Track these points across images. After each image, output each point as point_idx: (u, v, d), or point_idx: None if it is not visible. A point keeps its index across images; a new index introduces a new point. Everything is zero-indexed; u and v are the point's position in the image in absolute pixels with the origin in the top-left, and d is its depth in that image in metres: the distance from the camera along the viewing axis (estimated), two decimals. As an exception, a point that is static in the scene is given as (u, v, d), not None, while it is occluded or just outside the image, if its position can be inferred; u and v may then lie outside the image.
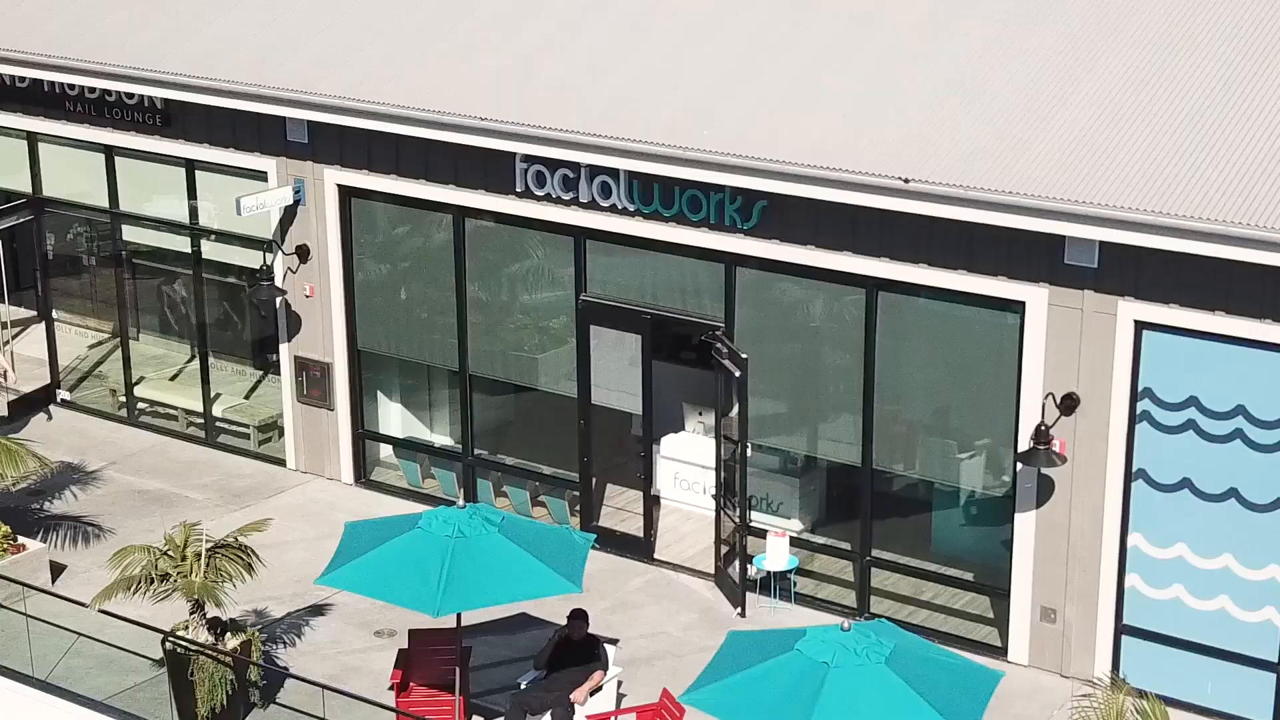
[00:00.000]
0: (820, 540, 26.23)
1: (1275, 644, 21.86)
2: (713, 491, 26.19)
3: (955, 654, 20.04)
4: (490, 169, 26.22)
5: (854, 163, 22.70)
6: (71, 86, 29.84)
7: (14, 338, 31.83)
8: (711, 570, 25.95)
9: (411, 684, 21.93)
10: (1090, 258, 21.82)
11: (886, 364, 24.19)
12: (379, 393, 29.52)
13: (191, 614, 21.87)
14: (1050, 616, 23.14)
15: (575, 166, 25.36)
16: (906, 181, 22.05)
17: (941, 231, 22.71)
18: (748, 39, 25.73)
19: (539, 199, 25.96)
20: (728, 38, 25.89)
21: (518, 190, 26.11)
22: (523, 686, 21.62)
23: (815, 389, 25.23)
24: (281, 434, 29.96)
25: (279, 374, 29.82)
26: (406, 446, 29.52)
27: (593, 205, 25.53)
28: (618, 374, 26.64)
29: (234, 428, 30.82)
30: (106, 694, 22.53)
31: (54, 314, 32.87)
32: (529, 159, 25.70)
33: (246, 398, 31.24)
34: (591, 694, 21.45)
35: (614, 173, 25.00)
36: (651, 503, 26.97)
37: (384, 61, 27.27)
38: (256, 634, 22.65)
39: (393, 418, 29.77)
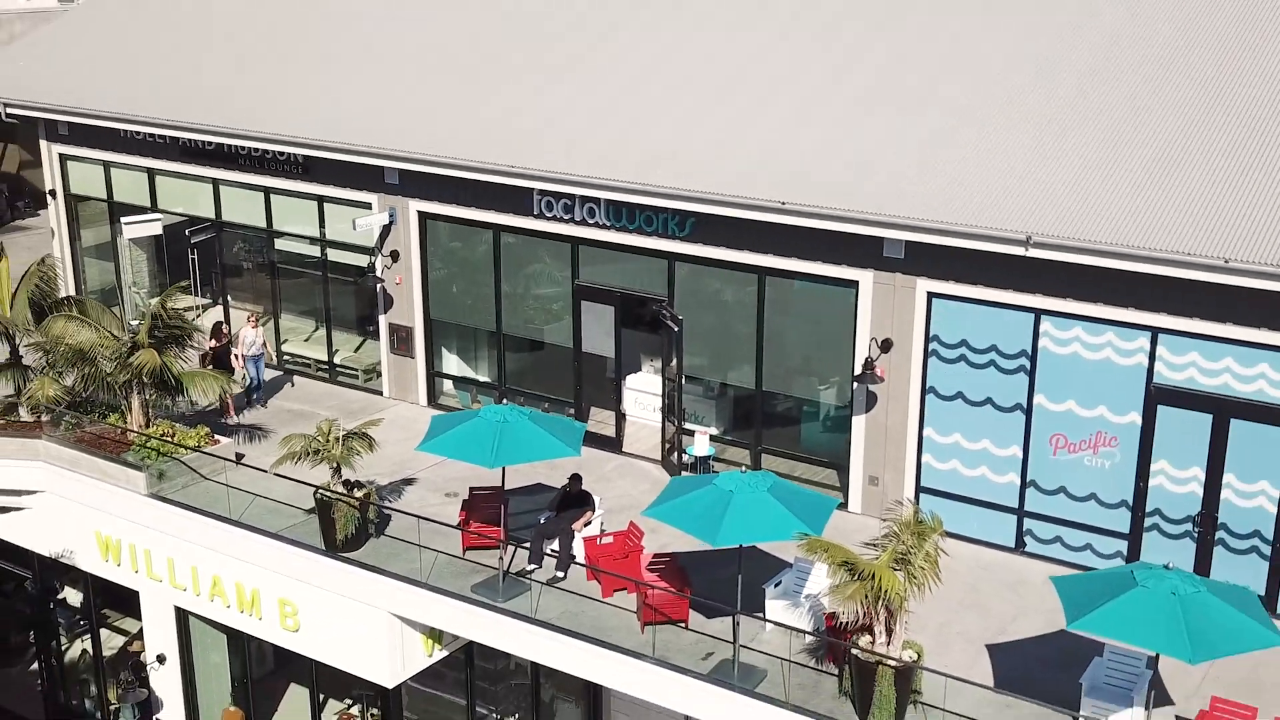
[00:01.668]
0: (729, 437, 26.30)
1: (1015, 497, 22.51)
2: (659, 408, 26.48)
3: (809, 489, 20.98)
4: (516, 199, 26.22)
5: (749, 192, 22.87)
6: (243, 147, 29.62)
7: (198, 315, 30.65)
8: (659, 458, 26.25)
9: (471, 521, 22.61)
10: (900, 252, 22.31)
11: (771, 325, 24.41)
12: (443, 347, 29.16)
13: (332, 476, 22.50)
14: (874, 481, 23.68)
15: (572, 197, 25.48)
16: (784, 204, 22.45)
17: (806, 236, 22.92)
18: (684, 111, 25.63)
19: (548, 219, 26.03)
20: (671, 112, 25.68)
21: (534, 213, 26.14)
22: (541, 522, 22.33)
23: (726, 342, 25.38)
24: (379, 375, 29.76)
25: (377, 336, 29.52)
26: (461, 381, 29.26)
27: (583, 223, 25.61)
28: (599, 332, 26.67)
29: (347, 371, 30.63)
30: (276, 528, 23.24)
31: (228, 299, 32.68)
32: (542, 193, 25.77)
33: (355, 351, 30.88)
34: (585, 526, 22.24)
35: (597, 201, 25.19)
36: (620, 416, 27.07)
37: (448, 127, 27.18)
38: (373, 490, 23.25)
39: (452, 362, 29.35)
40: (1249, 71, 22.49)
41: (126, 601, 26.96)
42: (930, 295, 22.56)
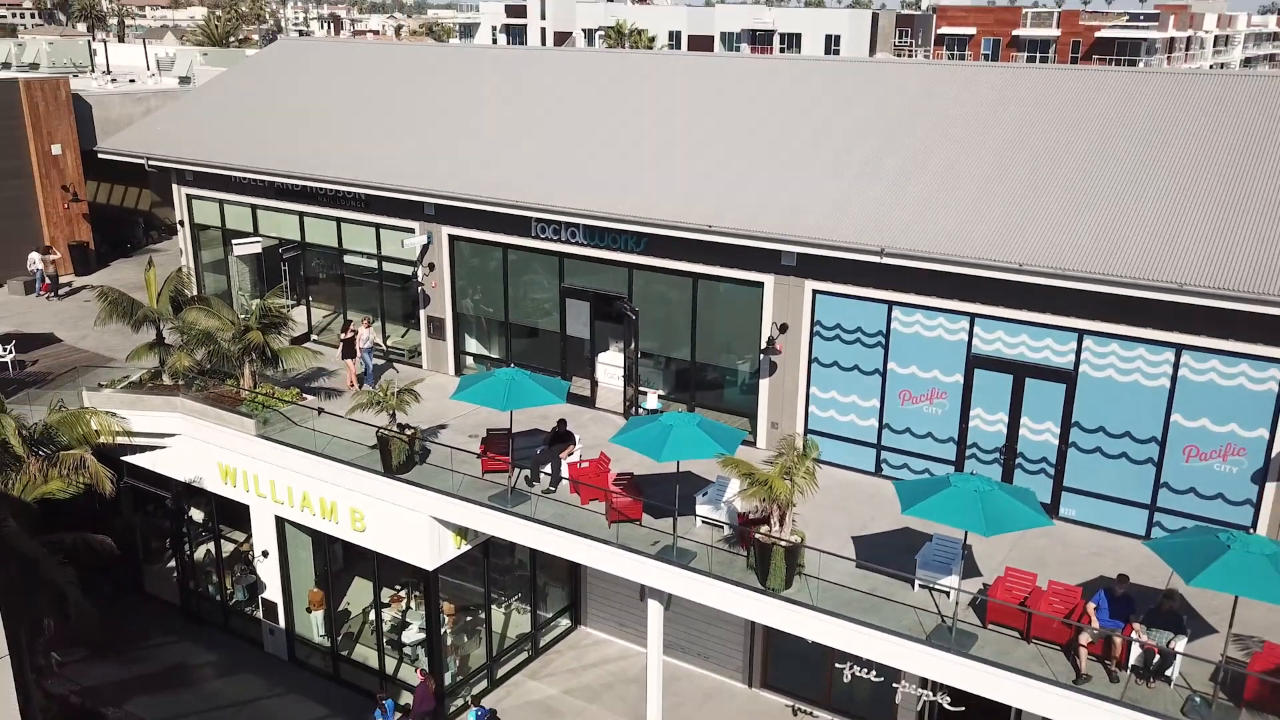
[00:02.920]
0: (672, 397, 25.91)
1: (874, 435, 22.72)
2: (622, 376, 26.58)
3: (726, 424, 20.85)
4: (519, 225, 26.24)
5: (684, 218, 23.05)
6: (321, 189, 29.44)
7: (289, 310, 29.80)
8: (621, 411, 26.23)
9: (488, 452, 22.75)
10: (793, 260, 22.56)
11: (702, 316, 24.50)
12: (466, 333, 29.01)
13: (389, 420, 22.82)
14: (776, 426, 23.76)
15: (559, 223, 25.53)
16: (710, 228, 22.64)
17: (726, 251, 23.08)
18: (638, 164, 25.57)
19: (542, 239, 26.02)
20: (628, 165, 25.63)
21: (532, 235, 26.14)
22: (538, 452, 22.53)
23: (670, 329, 25.31)
24: (420, 353, 29.51)
25: (419, 326, 29.36)
26: (479, 358, 28.99)
27: (567, 241, 25.65)
28: (578, 322, 26.67)
29: (397, 351, 30.30)
30: (349, 458, 23.22)
31: (310, 300, 32.48)
32: (538, 220, 25.79)
33: (402, 336, 30.52)
34: (569, 455, 22.52)
35: (577, 226, 25.28)
36: (594, 382, 27.09)
37: (470, 174, 27.00)
38: (418, 431, 23.18)
39: (473, 343, 29.09)
40: (1031, 146, 22.82)
41: (238, 516, 27.10)
42: (815, 292, 22.80)
